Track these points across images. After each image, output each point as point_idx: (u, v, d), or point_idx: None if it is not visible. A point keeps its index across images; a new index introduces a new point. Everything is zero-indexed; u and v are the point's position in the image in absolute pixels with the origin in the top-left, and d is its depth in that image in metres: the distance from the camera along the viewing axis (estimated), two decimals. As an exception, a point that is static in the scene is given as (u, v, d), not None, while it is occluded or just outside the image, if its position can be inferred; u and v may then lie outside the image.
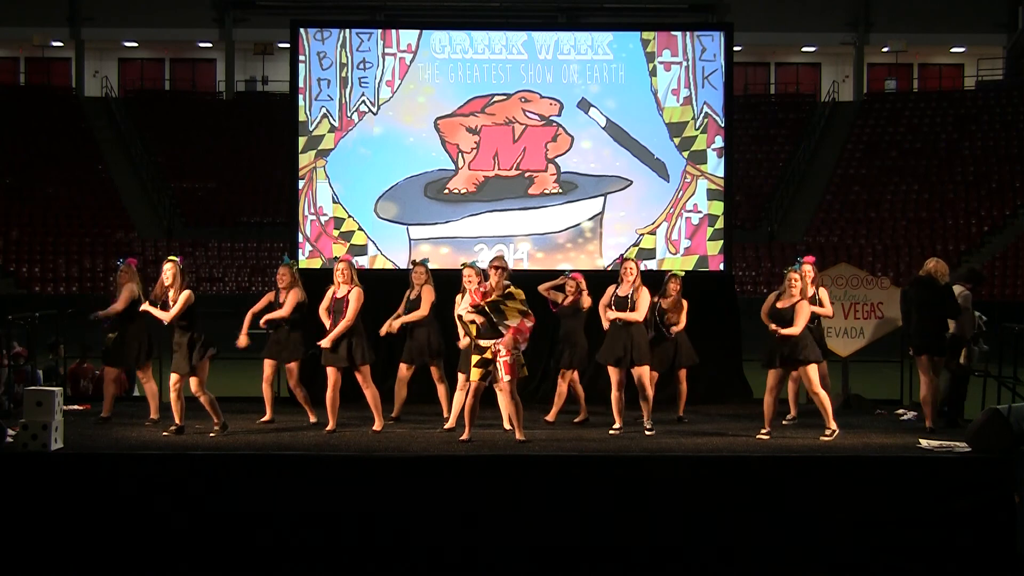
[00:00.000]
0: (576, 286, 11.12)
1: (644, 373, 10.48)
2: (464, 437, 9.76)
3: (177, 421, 10.04)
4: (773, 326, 10.06)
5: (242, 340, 10.73)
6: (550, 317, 11.27)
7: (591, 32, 13.26)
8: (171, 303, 9.96)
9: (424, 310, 10.91)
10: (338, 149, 12.90)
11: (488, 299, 9.73)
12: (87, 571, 8.64)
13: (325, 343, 10.26)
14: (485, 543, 8.75)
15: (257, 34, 37.45)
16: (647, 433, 10.31)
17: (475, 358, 9.76)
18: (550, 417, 11.08)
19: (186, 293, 9.96)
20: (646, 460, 9.21)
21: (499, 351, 9.63)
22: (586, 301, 11.10)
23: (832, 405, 10.31)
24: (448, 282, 11.15)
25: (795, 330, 9.96)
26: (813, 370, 10.12)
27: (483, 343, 9.70)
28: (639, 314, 10.46)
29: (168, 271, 10.02)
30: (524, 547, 8.75)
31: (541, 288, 11.25)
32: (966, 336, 10.89)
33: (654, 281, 11.10)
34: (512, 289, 9.79)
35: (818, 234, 31.72)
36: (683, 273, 11.32)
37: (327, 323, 10.41)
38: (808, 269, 10.88)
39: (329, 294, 10.45)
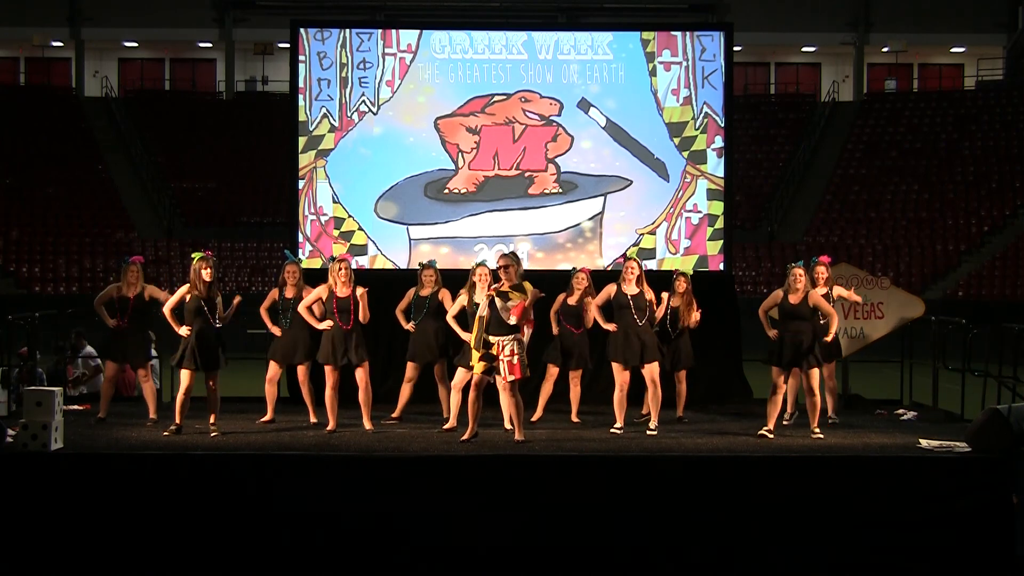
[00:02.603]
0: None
1: (655, 371, 10.49)
2: (467, 436, 9.75)
3: (177, 420, 10.05)
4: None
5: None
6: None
7: (591, 32, 13.27)
8: (215, 301, 10.06)
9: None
10: (338, 149, 12.91)
11: (498, 289, 9.71)
12: (87, 571, 8.64)
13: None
14: (485, 543, 8.75)
15: (257, 34, 37.41)
16: (650, 433, 10.32)
17: (480, 351, 9.74)
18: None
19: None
20: (646, 460, 9.21)
21: (505, 348, 9.62)
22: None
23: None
24: (447, 282, 11.15)
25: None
26: (817, 371, 10.16)
27: (491, 338, 9.68)
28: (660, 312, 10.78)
29: (207, 271, 10.03)
30: (524, 547, 8.75)
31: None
32: None
33: (655, 281, 11.09)
34: (525, 284, 9.77)
35: (818, 234, 31.71)
36: (691, 272, 11.35)
37: (313, 321, 10.39)
38: (822, 270, 10.91)
39: (324, 292, 10.37)
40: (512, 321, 9.59)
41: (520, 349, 9.67)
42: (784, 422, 10.88)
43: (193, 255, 10.31)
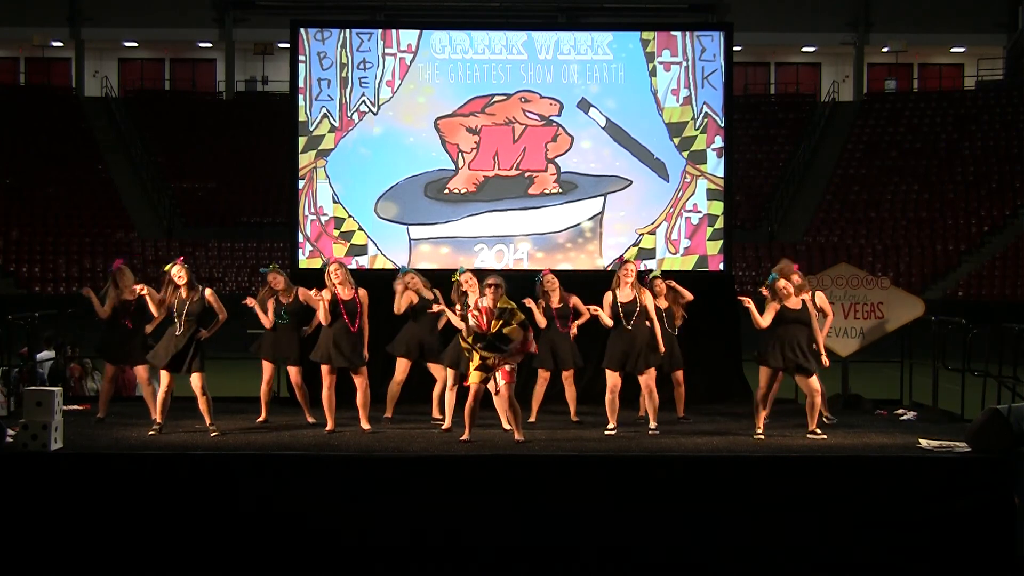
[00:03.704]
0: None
1: (652, 377, 10.49)
2: (464, 437, 9.76)
3: (159, 419, 10.06)
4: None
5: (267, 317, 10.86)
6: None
7: (591, 32, 13.26)
8: (192, 305, 9.97)
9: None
10: (338, 149, 12.91)
11: (490, 331, 9.64)
12: (87, 571, 8.64)
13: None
14: (485, 543, 8.75)
15: (257, 34, 37.42)
16: (651, 433, 10.32)
17: (476, 360, 9.74)
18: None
19: (210, 292, 10.14)
20: (646, 460, 9.21)
21: (498, 361, 9.65)
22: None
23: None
24: (447, 282, 11.14)
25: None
26: (816, 374, 10.19)
27: (487, 353, 9.69)
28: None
29: (182, 276, 10.02)
30: (524, 547, 8.75)
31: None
32: None
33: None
34: (506, 304, 9.70)
35: (818, 234, 31.71)
36: (659, 274, 11.29)
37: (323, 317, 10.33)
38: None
39: (327, 296, 10.29)
40: (513, 354, 9.65)
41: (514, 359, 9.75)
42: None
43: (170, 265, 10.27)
